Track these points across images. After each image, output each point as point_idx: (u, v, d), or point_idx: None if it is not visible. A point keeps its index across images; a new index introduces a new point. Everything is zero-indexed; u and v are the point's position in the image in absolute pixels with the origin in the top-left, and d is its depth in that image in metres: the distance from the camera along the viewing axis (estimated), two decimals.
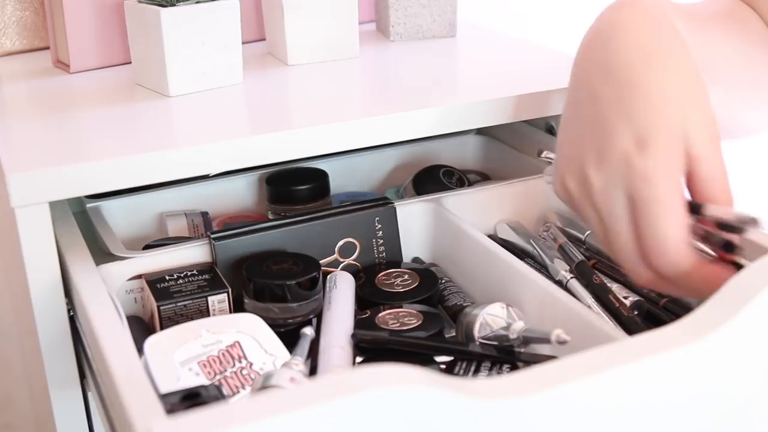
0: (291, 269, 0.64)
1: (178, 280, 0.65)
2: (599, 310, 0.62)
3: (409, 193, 0.85)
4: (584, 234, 0.72)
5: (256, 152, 0.68)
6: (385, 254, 0.72)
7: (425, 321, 0.62)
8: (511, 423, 0.44)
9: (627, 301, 0.63)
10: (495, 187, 0.77)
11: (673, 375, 0.47)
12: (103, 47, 0.88)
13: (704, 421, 0.50)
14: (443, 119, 0.73)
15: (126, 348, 0.52)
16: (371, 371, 0.42)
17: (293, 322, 0.63)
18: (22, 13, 0.96)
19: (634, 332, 0.58)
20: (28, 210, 0.62)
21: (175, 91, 0.79)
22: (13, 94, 0.84)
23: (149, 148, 0.65)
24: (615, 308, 0.61)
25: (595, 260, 0.69)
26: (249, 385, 0.54)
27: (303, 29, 0.88)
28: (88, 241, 0.67)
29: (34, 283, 0.64)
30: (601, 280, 0.64)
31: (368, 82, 0.87)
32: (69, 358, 0.67)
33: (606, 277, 0.66)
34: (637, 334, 0.48)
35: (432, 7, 0.97)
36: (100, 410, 0.63)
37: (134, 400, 0.46)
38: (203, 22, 0.78)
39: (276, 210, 0.81)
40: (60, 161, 0.63)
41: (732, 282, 0.49)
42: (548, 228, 0.72)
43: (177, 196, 0.83)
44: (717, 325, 0.48)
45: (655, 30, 0.58)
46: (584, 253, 0.69)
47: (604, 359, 0.46)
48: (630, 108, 0.55)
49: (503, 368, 0.57)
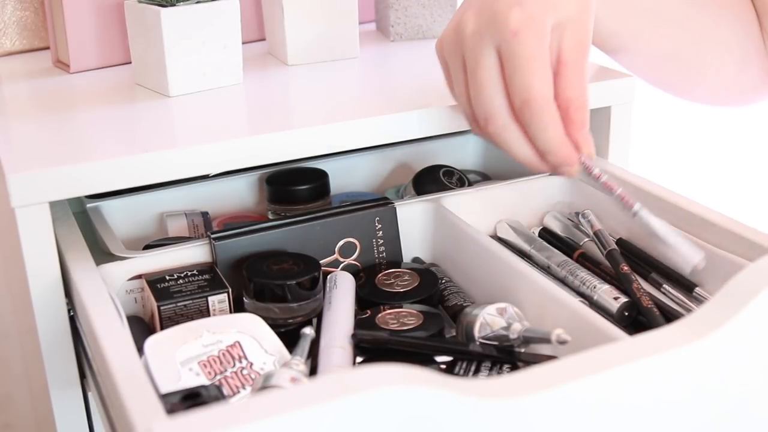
0: (291, 269, 0.64)
1: (179, 280, 0.65)
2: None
3: (409, 193, 0.85)
4: (581, 242, 0.72)
5: (256, 152, 0.68)
6: (385, 254, 0.72)
7: (425, 321, 0.62)
8: (511, 423, 0.44)
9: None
10: (495, 187, 0.77)
11: (673, 375, 0.47)
12: (103, 47, 0.88)
13: (704, 421, 0.50)
14: (443, 119, 0.73)
15: (126, 348, 0.52)
16: (371, 371, 0.42)
17: (293, 322, 0.63)
18: (22, 13, 0.96)
19: (651, 324, 0.59)
20: (28, 210, 0.62)
21: (175, 91, 0.79)
22: (13, 94, 0.84)
23: (149, 148, 0.65)
24: (636, 298, 0.62)
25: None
26: (249, 385, 0.54)
27: (303, 29, 0.88)
28: (88, 241, 0.67)
29: (34, 283, 0.64)
30: (629, 270, 0.64)
31: (368, 82, 0.87)
32: (69, 358, 0.67)
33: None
34: (649, 330, 0.49)
35: (432, 7, 0.97)
36: (100, 410, 0.63)
37: (134, 400, 0.46)
38: (203, 22, 0.78)
39: (276, 210, 0.81)
40: (60, 161, 0.63)
41: (732, 282, 0.50)
42: (586, 215, 0.71)
43: (177, 196, 0.83)
44: (717, 325, 0.48)
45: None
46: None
47: (604, 359, 0.46)
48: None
49: (503, 368, 0.57)
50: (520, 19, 0.58)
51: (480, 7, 0.61)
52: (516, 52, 0.58)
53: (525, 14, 0.58)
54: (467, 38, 0.61)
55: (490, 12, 0.60)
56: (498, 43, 0.60)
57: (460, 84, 0.63)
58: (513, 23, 0.58)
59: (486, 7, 0.60)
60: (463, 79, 0.63)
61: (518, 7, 0.59)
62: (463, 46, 0.62)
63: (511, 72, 0.59)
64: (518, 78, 0.59)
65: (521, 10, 0.59)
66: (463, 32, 0.61)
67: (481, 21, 0.60)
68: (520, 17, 0.58)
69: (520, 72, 0.59)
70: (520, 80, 0.59)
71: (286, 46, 0.88)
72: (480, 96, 0.61)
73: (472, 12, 0.61)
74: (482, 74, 0.61)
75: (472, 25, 0.61)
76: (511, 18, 0.58)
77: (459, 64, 0.63)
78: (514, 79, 0.59)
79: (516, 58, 0.59)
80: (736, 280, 0.49)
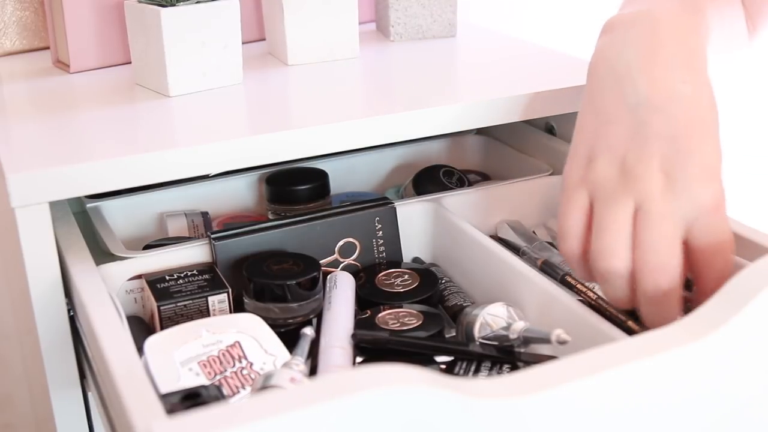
0: (291, 269, 0.64)
1: (178, 280, 0.65)
2: None
3: (409, 193, 0.85)
4: None
5: (256, 152, 0.68)
6: (385, 254, 0.72)
7: (425, 321, 0.62)
8: (511, 423, 0.44)
9: None
10: (495, 187, 0.77)
11: (673, 375, 0.47)
12: (103, 47, 0.88)
13: (705, 421, 0.50)
14: (443, 119, 0.73)
15: (126, 348, 0.52)
16: (371, 371, 0.42)
17: (293, 322, 0.63)
18: (22, 13, 0.96)
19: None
20: (28, 210, 0.62)
21: (175, 91, 0.79)
22: (13, 94, 0.84)
23: (149, 148, 0.65)
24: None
25: None
26: (249, 385, 0.54)
27: (303, 29, 0.88)
28: (88, 241, 0.67)
29: (34, 283, 0.64)
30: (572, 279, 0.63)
31: (368, 82, 0.87)
32: (69, 358, 0.67)
33: None
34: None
35: (432, 7, 0.97)
36: (100, 410, 0.63)
37: (134, 400, 0.46)
38: (203, 22, 0.78)
39: (276, 210, 0.81)
40: (60, 161, 0.63)
41: (732, 282, 0.50)
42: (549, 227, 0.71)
43: (177, 196, 0.83)
44: (717, 325, 0.48)
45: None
46: None
47: (604, 359, 0.46)
48: (675, 147, 0.56)
49: (503, 368, 0.57)
50: (669, 200, 0.55)
51: (622, 160, 0.57)
52: (654, 211, 0.55)
53: (677, 201, 0.55)
54: (600, 179, 0.58)
55: (637, 174, 0.56)
56: (638, 201, 0.56)
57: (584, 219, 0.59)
58: (658, 198, 0.55)
59: (633, 164, 0.57)
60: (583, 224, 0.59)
61: (671, 190, 0.55)
62: (595, 185, 0.58)
63: (642, 228, 0.55)
64: (648, 236, 0.55)
65: (674, 199, 0.55)
66: (598, 173, 0.58)
67: (623, 176, 0.56)
68: (670, 201, 0.55)
69: (655, 231, 0.55)
70: (650, 239, 0.55)
71: (286, 46, 0.88)
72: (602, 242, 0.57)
73: (613, 160, 0.57)
74: (610, 217, 0.56)
75: (608, 173, 0.57)
76: (658, 194, 0.55)
77: (584, 199, 0.59)
78: (644, 237, 0.55)
79: (651, 216, 0.55)
80: (736, 280, 0.49)
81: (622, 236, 0.56)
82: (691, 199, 0.55)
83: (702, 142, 0.56)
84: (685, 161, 0.55)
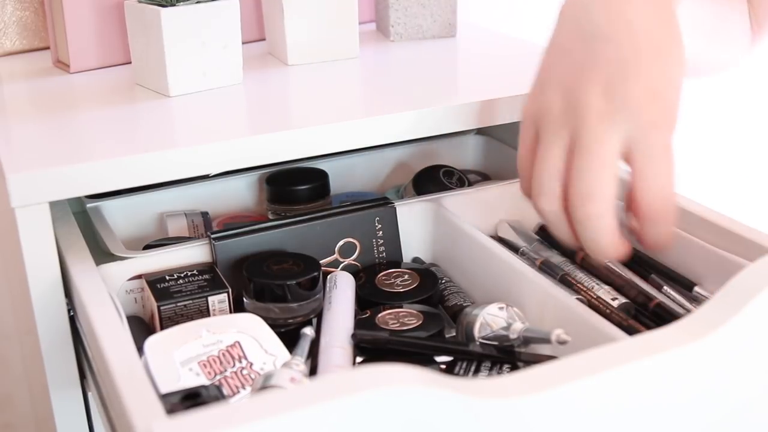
0: (291, 269, 0.64)
1: (178, 280, 0.65)
2: None
3: (409, 193, 0.85)
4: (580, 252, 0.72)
5: (256, 152, 0.68)
6: (385, 254, 0.72)
7: (425, 321, 0.62)
8: (511, 423, 0.44)
9: (615, 303, 0.62)
10: (495, 187, 0.77)
11: (673, 375, 0.47)
12: (103, 47, 0.88)
13: (704, 421, 0.50)
14: (443, 119, 0.73)
15: (126, 348, 0.52)
16: (371, 371, 0.42)
17: (293, 322, 0.63)
18: (22, 13, 0.96)
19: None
20: (28, 210, 0.62)
21: (175, 91, 0.79)
22: (13, 94, 0.84)
23: (149, 148, 0.65)
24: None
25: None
26: (249, 385, 0.54)
27: (303, 29, 0.88)
28: (88, 241, 0.67)
29: (34, 283, 0.64)
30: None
31: (368, 82, 0.87)
32: (69, 358, 0.67)
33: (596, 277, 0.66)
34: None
35: (432, 7, 0.97)
36: (100, 410, 0.63)
37: (134, 400, 0.46)
38: (203, 22, 0.78)
39: (276, 210, 0.81)
40: (60, 161, 0.63)
41: (732, 282, 0.50)
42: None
43: (177, 196, 0.83)
44: (717, 325, 0.48)
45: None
46: None
47: (604, 359, 0.46)
48: (620, 71, 0.54)
49: (503, 368, 0.57)
50: (600, 128, 0.54)
51: (567, 90, 0.57)
52: (588, 147, 0.54)
53: (606, 127, 0.54)
54: (547, 115, 0.57)
55: (578, 101, 0.55)
56: (573, 131, 0.55)
57: (527, 158, 0.59)
58: (591, 124, 0.54)
59: (574, 91, 0.56)
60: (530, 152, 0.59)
61: (609, 111, 0.54)
62: (542, 120, 0.57)
63: (577, 164, 0.55)
64: (583, 172, 0.54)
65: (604, 120, 0.54)
66: (547, 110, 0.57)
67: (567, 109, 0.56)
68: (601, 127, 0.54)
69: (586, 168, 0.54)
70: (583, 175, 0.54)
71: (286, 46, 0.88)
72: (541, 170, 0.57)
73: (558, 92, 0.57)
74: (550, 150, 0.56)
75: (557, 108, 0.57)
76: (591, 118, 0.54)
77: (530, 132, 0.59)
78: (578, 173, 0.55)
79: (586, 153, 0.54)
80: (736, 280, 0.49)
81: (552, 172, 0.55)
82: (630, 117, 0.53)
83: (651, 66, 0.53)
84: (627, 82, 0.53)
